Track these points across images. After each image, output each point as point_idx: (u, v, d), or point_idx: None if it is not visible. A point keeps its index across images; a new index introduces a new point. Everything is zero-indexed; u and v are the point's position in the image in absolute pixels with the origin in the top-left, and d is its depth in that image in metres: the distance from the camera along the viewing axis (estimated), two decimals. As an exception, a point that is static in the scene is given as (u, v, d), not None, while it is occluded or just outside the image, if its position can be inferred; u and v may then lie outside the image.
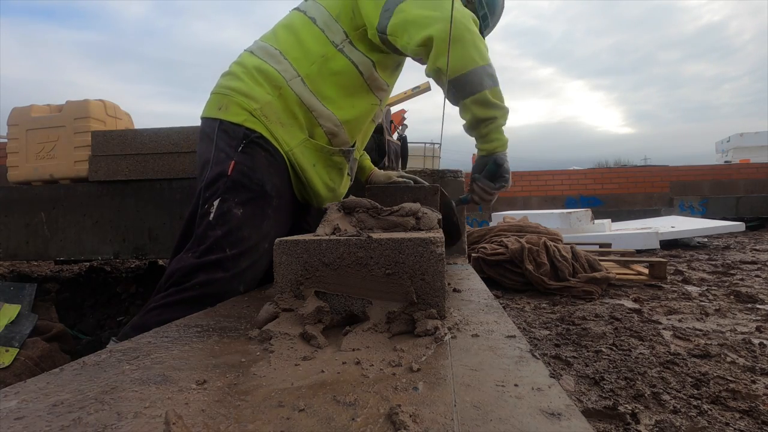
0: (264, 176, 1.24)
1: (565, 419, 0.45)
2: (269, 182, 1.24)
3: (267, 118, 1.25)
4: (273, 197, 1.25)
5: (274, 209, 1.27)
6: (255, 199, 1.22)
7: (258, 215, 1.23)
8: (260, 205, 1.23)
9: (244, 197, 1.21)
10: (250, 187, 1.22)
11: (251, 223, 1.21)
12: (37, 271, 4.03)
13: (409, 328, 0.76)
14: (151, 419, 0.48)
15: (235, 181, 1.21)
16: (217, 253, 1.17)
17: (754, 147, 17.56)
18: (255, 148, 1.24)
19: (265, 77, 1.28)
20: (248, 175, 1.22)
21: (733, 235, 6.51)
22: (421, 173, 1.92)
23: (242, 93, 1.27)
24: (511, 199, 9.03)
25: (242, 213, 1.20)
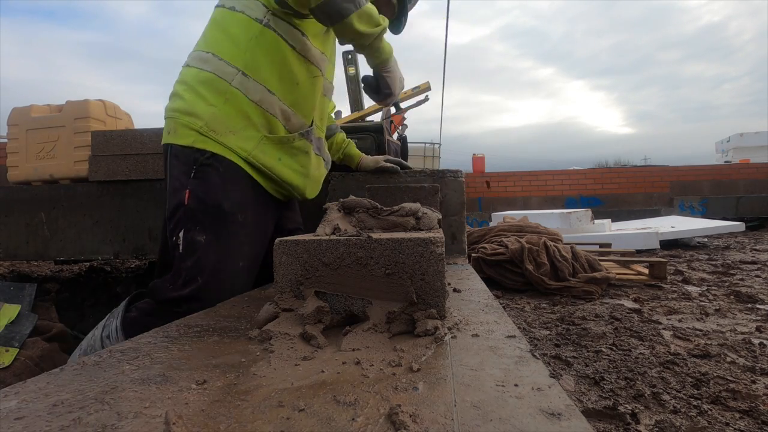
0: (219, 196, 1.22)
1: (565, 419, 0.45)
2: (226, 201, 1.23)
3: (215, 132, 1.23)
4: (235, 213, 1.24)
5: (240, 224, 1.26)
6: (215, 221, 1.22)
7: (223, 236, 1.23)
8: (222, 225, 1.23)
9: (205, 223, 1.21)
10: (208, 212, 1.21)
11: (217, 246, 1.21)
12: (37, 271, 4.03)
13: (409, 328, 0.76)
14: (151, 419, 0.48)
15: (192, 209, 1.21)
16: (191, 285, 1.19)
17: (754, 147, 17.55)
18: (206, 170, 1.22)
19: (207, 87, 1.24)
20: (203, 200, 1.21)
21: (733, 235, 6.50)
22: (421, 173, 1.92)
23: (185, 112, 1.24)
24: (511, 199, 9.03)
25: (206, 239, 1.20)
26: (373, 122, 3.33)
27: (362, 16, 1.20)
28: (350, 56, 5.37)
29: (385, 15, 1.46)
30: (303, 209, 2.09)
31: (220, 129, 1.23)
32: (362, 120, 4.61)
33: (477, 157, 10.90)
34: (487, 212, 8.35)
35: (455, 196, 1.89)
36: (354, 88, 5.37)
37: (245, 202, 1.28)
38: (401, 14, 1.53)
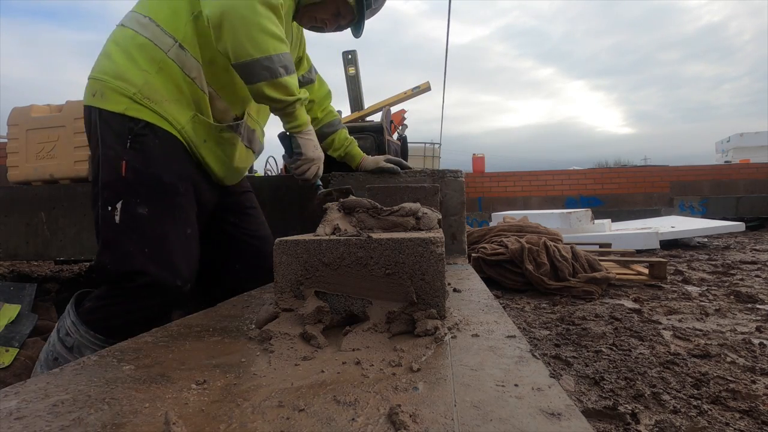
0: (159, 168, 1.19)
1: (565, 419, 0.45)
2: (166, 172, 1.20)
3: (150, 99, 1.18)
4: (176, 184, 1.22)
5: (183, 195, 1.24)
6: (156, 194, 1.19)
7: (166, 208, 1.20)
8: (163, 197, 1.20)
9: (145, 195, 1.18)
10: (148, 184, 1.18)
11: (160, 218, 1.19)
12: (37, 271, 4.02)
13: (409, 328, 0.76)
14: (151, 419, 0.48)
15: (131, 181, 1.17)
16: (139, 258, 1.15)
17: (754, 147, 17.56)
18: (143, 140, 1.18)
19: (140, 52, 1.19)
20: (142, 171, 1.18)
21: (733, 235, 6.50)
22: (422, 173, 1.92)
23: (116, 76, 1.18)
24: (511, 199, 9.02)
25: (148, 211, 1.17)
26: (373, 122, 3.33)
27: (276, 85, 1.20)
28: (350, 56, 5.37)
29: (344, 16, 1.46)
30: (303, 209, 2.09)
31: (155, 97, 1.18)
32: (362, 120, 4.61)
33: (477, 157, 10.90)
34: (487, 212, 8.34)
35: (455, 196, 1.89)
36: (354, 88, 5.37)
37: (185, 174, 1.25)
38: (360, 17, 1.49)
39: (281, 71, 1.18)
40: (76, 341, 1.20)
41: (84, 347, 1.19)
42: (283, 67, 1.19)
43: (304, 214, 2.08)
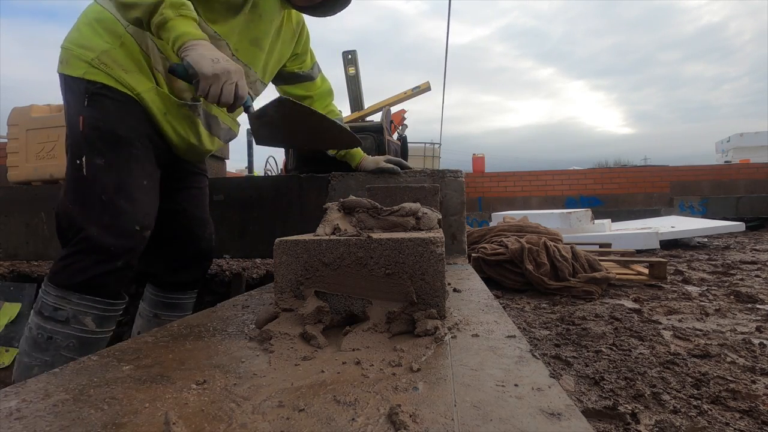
0: (114, 123, 1.24)
1: (565, 419, 0.45)
2: (122, 127, 1.25)
3: (106, 65, 1.23)
4: (132, 138, 1.26)
5: (140, 148, 1.28)
6: (113, 145, 1.24)
7: (122, 158, 1.25)
8: (120, 149, 1.25)
9: (102, 147, 1.24)
10: (104, 137, 1.24)
11: (117, 166, 1.24)
12: (37, 271, 4.02)
13: (409, 328, 0.76)
14: (151, 419, 0.48)
15: (88, 135, 1.24)
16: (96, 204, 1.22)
17: (754, 147, 17.56)
18: (100, 99, 1.24)
19: (104, 26, 1.24)
20: (98, 126, 1.24)
21: (733, 235, 6.50)
22: (422, 173, 1.92)
23: (79, 44, 1.25)
24: (511, 199, 9.02)
25: (105, 162, 1.23)
26: (373, 122, 3.33)
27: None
28: (350, 56, 5.37)
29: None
30: (303, 209, 2.09)
31: (110, 64, 1.23)
32: (362, 120, 4.61)
33: (477, 157, 10.91)
34: (487, 212, 8.34)
35: (455, 196, 1.90)
36: (354, 88, 5.38)
37: (142, 131, 1.29)
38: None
39: None
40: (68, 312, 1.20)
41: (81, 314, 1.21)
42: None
43: (304, 214, 2.08)
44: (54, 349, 1.21)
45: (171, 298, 1.63)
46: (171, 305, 1.63)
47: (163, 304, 1.63)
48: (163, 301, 1.62)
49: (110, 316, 1.28)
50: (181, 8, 1.09)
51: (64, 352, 1.21)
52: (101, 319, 1.24)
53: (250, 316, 0.95)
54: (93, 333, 1.24)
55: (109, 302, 1.25)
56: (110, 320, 1.28)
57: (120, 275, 1.24)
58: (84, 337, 1.23)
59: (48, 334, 1.21)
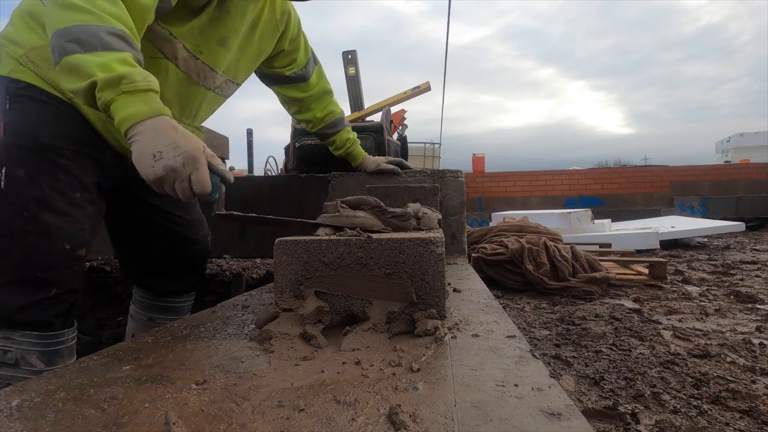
0: (37, 129, 1.09)
1: (565, 419, 0.45)
2: (46, 132, 1.09)
3: (35, 63, 1.09)
4: (60, 145, 1.10)
5: (70, 157, 1.12)
6: (35, 154, 1.08)
7: (46, 168, 1.09)
8: (43, 158, 1.09)
9: (23, 157, 1.08)
10: (25, 145, 1.08)
11: (39, 178, 1.08)
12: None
13: (409, 328, 0.76)
14: (151, 419, 0.48)
15: (9, 143, 1.08)
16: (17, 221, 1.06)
17: (754, 147, 17.57)
18: (23, 101, 1.10)
19: (37, 19, 1.09)
20: (19, 133, 1.08)
21: (733, 235, 6.50)
22: (422, 173, 1.92)
23: (11, 40, 1.11)
24: (511, 199, 9.02)
25: (26, 173, 1.07)
26: (373, 122, 3.33)
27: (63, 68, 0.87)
28: (350, 56, 5.38)
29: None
30: (303, 209, 2.09)
31: (40, 63, 1.09)
32: (362, 120, 4.61)
33: (477, 157, 10.91)
34: (487, 212, 8.34)
35: (455, 196, 1.90)
36: (354, 88, 5.38)
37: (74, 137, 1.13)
38: None
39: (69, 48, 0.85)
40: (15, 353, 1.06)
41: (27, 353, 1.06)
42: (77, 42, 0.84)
43: (304, 214, 2.08)
44: None
45: (166, 301, 1.52)
46: (166, 309, 1.53)
47: (158, 308, 1.53)
48: (158, 305, 1.52)
49: (59, 350, 1.10)
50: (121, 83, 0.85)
51: None
52: (48, 355, 1.08)
53: (250, 316, 0.95)
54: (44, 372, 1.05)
55: (51, 335, 1.08)
56: (62, 354, 1.11)
57: (56, 302, 1.07)
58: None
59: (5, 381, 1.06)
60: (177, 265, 1.47)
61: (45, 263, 1.06)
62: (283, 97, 1.68)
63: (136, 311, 1.54)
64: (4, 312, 1.04)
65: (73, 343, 1.15)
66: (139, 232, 1.40)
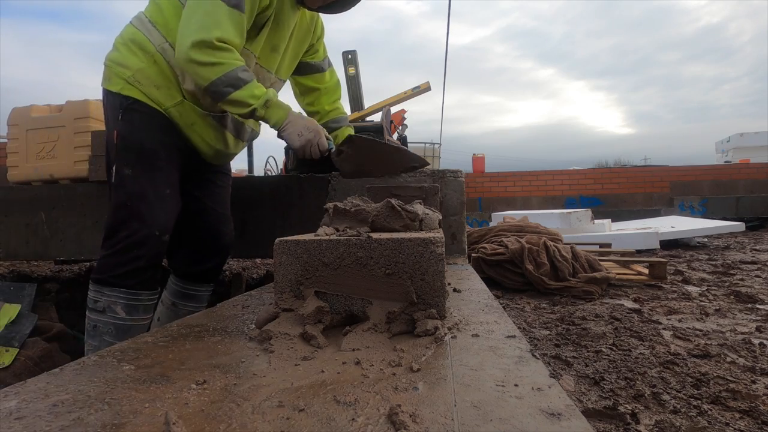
0: (142, 136, 1.42)
1: (565, 419, 0.45)
2: (149, 139, 1.42)
3: (140, 83, 1.41)
4: (158, 150, 1.43)
5: (165, 159, 1.45)
6: (139, 157, 1.42)
7: (147, 169, 1.42)
8: (146, 160, 1.42)
9: (130, 158, 1.42)
10: (132, 148, 1.42)
11: (143, 177, 1.41)
12: (37, 271, 4.02)
13: (409, 328, 0.76)
14: (151, 419, 0.48)
15: (119, 146, 1.43)
16: (123, 209, 1.40)
17: (754, 147, 17.57)
18: (131, 114, 1.42)
19: (138, 46, 1.41)
20: (128, 138, 1.42)
21: (733, 235, 6.50)
22: (422, 173, 1.92)
23: (118, 63, 1.42)
24: (511, 199, 9.02)
25: (132, 171, 1.41)
26: (373, 122, 3.33)
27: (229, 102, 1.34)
28: (350, 56, 5.37)
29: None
30: (303, 209, 2.09)
31: (144, 82, 1.41)
32: (362, 120, 4.61)
33: (477, 157, 10.90)
34: (487, 212, 8.34)
35: (455, 196, 1.89)
36: (354, 88, 5.38)
37: (168, 143, 1.46)
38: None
39: (227, 90, 1.32)
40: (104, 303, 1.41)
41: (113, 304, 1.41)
42: (230, 86, 1.31)
43: (304, 214, 2.08)
44: (99, 336, 1.42)
45: (189, 289, 1.75)
46: (188, 296, 1.75)
47: (181, 294, 1.75)
48: (182, 291, 1.75)
49: (138, 305, 1.44)
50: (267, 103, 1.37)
51: (106, 337, 1.41)
52: (130, 308, 1.42)
53: (250, 316, 0.95)
54: (124, 320, 1.42)
55: (134, 293, 1.42)
56: (139, 309, 1.45)
57: (142, 273, 1.42)
58: (118, 324, 1.41)
59: (93, 323, 1.43)
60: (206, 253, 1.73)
61: (140, 243, 1.39)
62: (301, 87, 1.87)
63: (166, 296, 1.78)
64: (105, 273, 1.40)
65: (150, 303, 1.50)
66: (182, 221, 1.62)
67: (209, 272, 1.77)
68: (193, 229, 1.67)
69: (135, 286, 1.42)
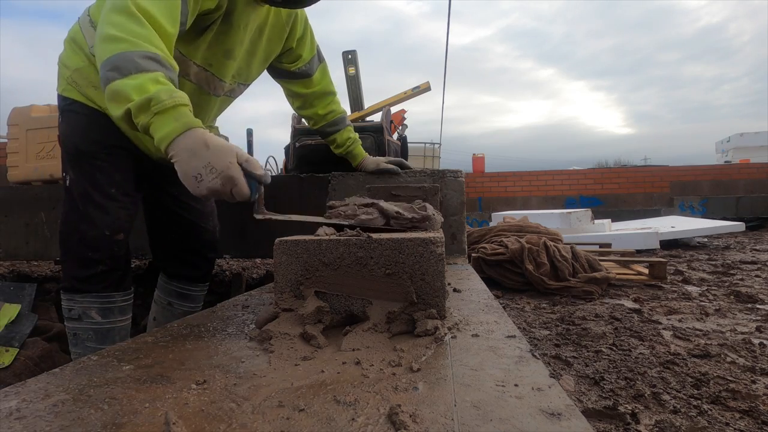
0: (77, 138, 1.35)
1: (565, 419, 0.45)
2: (84, 141, 1.34)
3: (77, 83, 1.33)
4: (96, 151, 1.35)
5: (105, 159, 1.35)
6: (78, 159, 1.36)
7: (87, 171, 1.35)
8: (85, 162, 1.35)
9: (71, 162, 1.37)
10: (69, 151, 1.37)
11: (83, 179, 1.35)
12: (37, 271, 4.02)
13: (409, 328, 0.76)
14: (151, 419, 0.48)
15: (63, 151, 1.39)
16: (71, 214, 1.37)
17: (754, 147, 17.57)
18: (69, 115, 1.36)
19: (78, 44, 1.33)
20: (66, 141, 1.37)
21: (733, 235, 6.50)
22: (422, 173, 1.92)
23: (62, 62, 1.36)
24: (511, 199, 9.02)
25: (74, 174, 1.36)
26: (373, 122, 3.33)
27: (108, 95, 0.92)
28: (350, 56, 5.37)
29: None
30: (303, 209, 2.09)
31: (81, 82, 1.33)
32: (362, 120, 4.61)
33: (477, 157, 10.90)
34: (487, 212, 8.34)
35: (455, 196, 1.89)
36: (354, 88, 5.38)
37: (106, 143, 1.35)
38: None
39: (110, 75, 0.90)
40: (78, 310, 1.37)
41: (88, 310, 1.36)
42: (115, 69, 0.90)
43: (304, 213, 2.08)
44: (81, 343, 1.38)
45: (183, 288, 1.70)
46: (183, 295, 1.70)
47: (176, 294, 1.70)
48: (176, 291, 1.70)
49: (113, 307, 1.39)
50: (151, 105, 0.88)
51: (88, 344, 1.37)
52: (105, 311, 1.38)
53: (250, 316, 0.95)
54: (101, 324, 1.38)
55: (106, 296, 1.37)
56: (114, 311, 1.40)
57: (105, 276, 1.36)
58: (97, 328, 1.38)
59: (72, 331, 1.39)
60: (191, 253, 1.66)
61: (92, 246, 1.34)
62: (288, 91, 1.76)
63: (159, 296, 1.73)
64: (70, 280, 1.37)
65: (126, 304, 1.44)
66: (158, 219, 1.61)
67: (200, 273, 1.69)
68: (173, 229, 1.61)
69: (105, 289, 1.37)
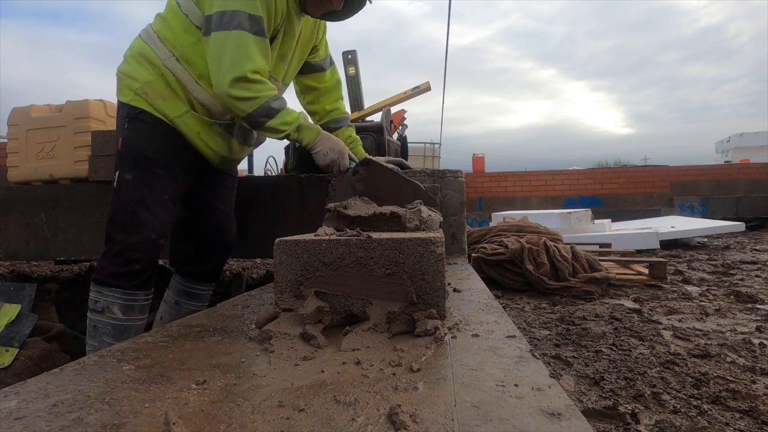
0: (144, 145, 1.50)
1: (565, 419, 0.45)
2: (150, 148, 1.50)
3: (147, 94, 1.48)
4: (158, 159, 1.50)
5: (164, 167, 1.52)
6: (139, 164, 1.50)
7: (146, 175, 1.49)
8: (145, 167, 1.50)
9: (131, 164, 1.50)
10: (133, 156, 1.50)
11: (141, 183, 1.49)
12: (37, 271, 4.02)
13: (409, 328, 0.76)
14: (151, 419, 0.48)
15: (122, 153, 1.52)
16: (121, 213, 1.48)
17: (754, 147, 17.57)
18: (136, 123, 1.50)
19: (146, 59, 1.49)
20: (131, 146, 1.50)
21: (733, 235, 6.50)
22: (422, 173, 1.92)
23: (128, 75, 1.51)
24: (511, 199, 9.02)
25: (132, 177, 1.49)
26: (373, 122, 3.33)
27: (266, 130, 1.49)
28: (350, 56, 5.37)
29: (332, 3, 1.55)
30: (303, 209, 2.09)
31: (151, 93, 1.49)
32: (362, 120, 4.61)
33: (477, 157, 10.90)
34: (487, 212, 8.34)
35: (455, 196, 1.89)
36: (354, 88, 5.38)
37: (170, 152, 1.52)
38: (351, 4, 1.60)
39: (262, 120, 1.45)
40: (103, 303, 1.46)
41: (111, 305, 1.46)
42: (264, 116, 1.45)
43: (304, 214, 2.08)
44: (99, 336, 1.46)
45: (192, 287, 1.81)
46: (191, 294, 1.81)
47: (185, 293, 1.81)
48: (185, 290, 1.81)
49: (134, 305, 1.50)
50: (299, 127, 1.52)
51: (105, 338, 1.46)
52: (126, 309, 1.48)
53: (250, 316, 0.95)
54: (121, 320, 1.47)
55: (130, 294, 1.48)
56: (135, 309, 1.50)
57: (138, 274, 1.48)
58: (116, 324, 1.46)
59: (93, 323, 1.48)
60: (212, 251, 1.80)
61: (135, 246, 1.46)
62: (302, 86, 1.90)
63: (169, 295, 1.84)
64: (104, 274, 1.47)
65: (146, 303, 1.55)
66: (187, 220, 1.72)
67: (212, 271, 1.83)
68: (199, 227, 1.74)
69: (132, 288, 1.48)
